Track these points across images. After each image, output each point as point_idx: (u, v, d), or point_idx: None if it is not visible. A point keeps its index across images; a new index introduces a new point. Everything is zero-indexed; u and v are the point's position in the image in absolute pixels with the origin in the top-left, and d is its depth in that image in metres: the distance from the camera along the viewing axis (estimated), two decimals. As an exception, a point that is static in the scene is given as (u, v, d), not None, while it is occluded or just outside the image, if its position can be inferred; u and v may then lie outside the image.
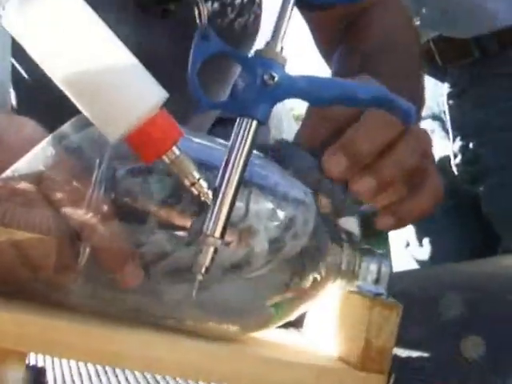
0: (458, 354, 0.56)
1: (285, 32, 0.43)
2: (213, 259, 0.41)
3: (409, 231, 1.22)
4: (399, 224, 0.52)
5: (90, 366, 0.57)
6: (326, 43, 0.86)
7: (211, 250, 0.40)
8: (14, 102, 0.68)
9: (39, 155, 0.43)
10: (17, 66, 0.68)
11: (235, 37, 0.79)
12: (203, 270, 0.40)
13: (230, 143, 0.42)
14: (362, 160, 0.50)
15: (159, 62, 0.72)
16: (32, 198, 0.42)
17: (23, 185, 0.42)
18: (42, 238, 0.41)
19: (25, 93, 0.68)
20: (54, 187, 0.42)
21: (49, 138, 0.43)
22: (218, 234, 0.41)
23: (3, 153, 0.43)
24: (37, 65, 0.40)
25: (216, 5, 0.75)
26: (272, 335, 0.50)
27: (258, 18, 0.82)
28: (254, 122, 0.42)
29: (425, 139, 0.54)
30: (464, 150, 1.14)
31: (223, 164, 0.42)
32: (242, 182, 0.42)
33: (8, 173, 0.42)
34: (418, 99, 0.75)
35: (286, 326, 0.51)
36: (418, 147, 0.52)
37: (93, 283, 0.43)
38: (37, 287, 0.43)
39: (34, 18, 0.39)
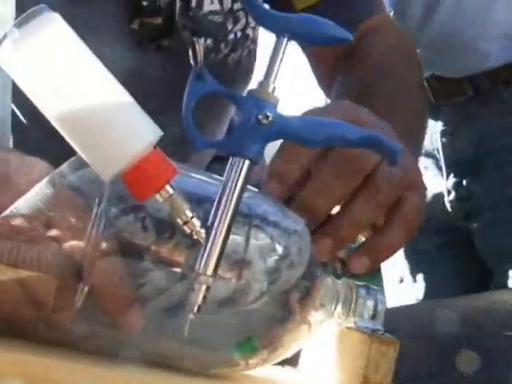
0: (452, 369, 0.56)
1: (277, 72, 0.44)
2: (205, 297, 0.41)
3: (402, 267, 1.22)
4: (372, 264, 0.51)
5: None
6: (326, 76, 0.86)
7: (203, 288, 0.41)
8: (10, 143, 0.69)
9: (38, 194, 0.43)
10: (14, 107, 0.69)
11: (229, 72, 0.80)
12: (195, 308, 0.40)
13: (223, 182, 0.42)
14: (319, 218, 0.50)
15: (155, 95, 0.73)
16: (32, 237, 0.42)
17: (23, 223, 0.42)
18: (41, 276, 0.41)
19: (21, 134, 0.69)
20: (54, 225, 0.42)
21: (48, 178, 0.43)
22: (210, 272, 0.41)
23: (13, 193, 0.43)
24: (33, 105, 0.40)
25: (209, 41, 0.76)
26: (268, 373, 0.50)
27: (252, 52, 0.83)
28: (247, 162, 0.42)
29: (389, 183, 0.52)
30: (457, 186, 1.15)
31: (216, 203, 0.42)
32: (236, 215, 0.43)
33: (7, 211, 0.42)
34: (418, 127, 0.75)
35: (282, 363, 0.51)
36: (379, 197, 0.51)
37: (92, 322, 0.43)
38: (38, 326, 0.42)
39: (29, 57, 0.39)
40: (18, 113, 0.72)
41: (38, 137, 0.40)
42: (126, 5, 0.70)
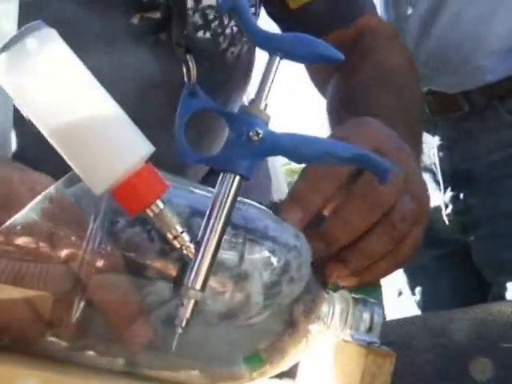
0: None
1: (269, 90, 0.45)
2: (193, 311, 0.41)
3: (401, 280, 1.22)
4: (361, 283, 0.54)
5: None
6: (321, 74, 0.87)
7: (192, 302, 0.41)
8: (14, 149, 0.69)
9: (34, 209, 0.43)
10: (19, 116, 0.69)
11: (229, 67, 0.80)
12: (184, 322, 0.41)
13: (212, 197, 0.43)
14: (336, 248, 0.53)
15: (153, 90, 0.74)
16: (28, 252, 0.42)
17: (19, 238, 0.42)
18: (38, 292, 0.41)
19: (26, 143, 0.69)
20: (50, 241, 0.42)
21: (44, 193, 0.43)
22: (198, 286, 0.41)
23: (16, 210, 0.43)
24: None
25: (208, 34, 0.77)
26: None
27: (251, 48, 0.83)
28: (237, 178, 0.43)
29: (404, 220, 0.55)
30: (455, 200, 1.15)
31: (205, 218, 0.42)
32: (235, 229, 0.44)
33: (3, 227, 0.42)
34: (415, 131, 0.75)
35: (281, 376, 0.51)
36: (394, 234, 0.54)
37: (96, 337, 0.43)
38: (42, 341, 0.43)
39: (24, 73, 0.40)
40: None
41: (41, 136, 0.40)
42: (126, 1, 0.71)
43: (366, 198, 0.53)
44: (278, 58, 0.45)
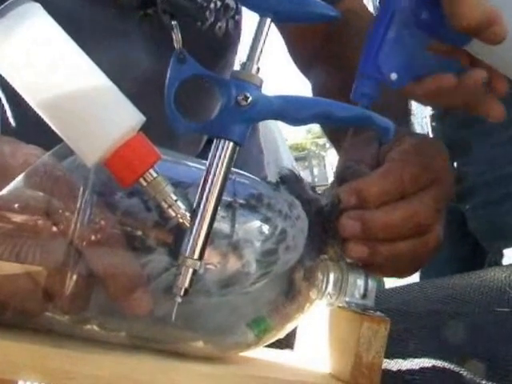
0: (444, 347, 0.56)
1: (260, 53, 0.44)
2: (192, 281, 0.41)
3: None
4: (372, 260, 0.51)
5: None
6: (304, 56, 0.86)
7: (190, 271, 0.40)
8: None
9: (22, 183, 0.42)
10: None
11: (218, 42, 0.80)
12: (182, 291, 0.40)
13: (207, 165, 0.42)
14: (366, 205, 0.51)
15: (142, 64, 0.73)
16: (19, 227, 0.41)
17: (7, 213, 0.41)
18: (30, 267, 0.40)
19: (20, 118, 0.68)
20: (40, 214, 0.41)
21: (32, 166, 0.43)
22: (196, 255, 0.41)
23: (8, 183, 0.42)
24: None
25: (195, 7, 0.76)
26: (264, 354, 0.51)
27: (238, 25, 0.83)
28: (231, 144, 0.42)
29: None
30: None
31: (200, 186, 0.42)
32: (230, 198, 0.43)
33: None
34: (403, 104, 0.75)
35: (278, 344, 0.51)
36: (414, 215, 0.52)
37: (101, 311, 0.43)
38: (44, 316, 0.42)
39: (11, 46, 0.39)
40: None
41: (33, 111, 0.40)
42: None
43: (408, 169, 0.52)
44: (268, 20, 0.43)
